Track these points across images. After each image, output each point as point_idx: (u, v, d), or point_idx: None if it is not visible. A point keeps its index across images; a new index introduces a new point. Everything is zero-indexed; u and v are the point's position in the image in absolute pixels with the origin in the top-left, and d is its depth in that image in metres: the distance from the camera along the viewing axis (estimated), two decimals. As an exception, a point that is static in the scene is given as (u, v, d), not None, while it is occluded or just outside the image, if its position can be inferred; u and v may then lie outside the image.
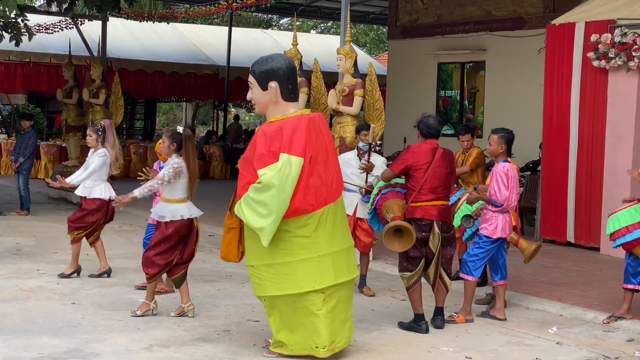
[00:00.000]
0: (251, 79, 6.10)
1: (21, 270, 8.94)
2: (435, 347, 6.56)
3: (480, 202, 7.46)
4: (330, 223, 5.94)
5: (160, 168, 7.88)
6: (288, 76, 6.04)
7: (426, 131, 7.12)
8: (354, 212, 8.38)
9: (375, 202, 7.17)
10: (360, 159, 8.41)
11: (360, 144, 8.49)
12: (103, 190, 8.66)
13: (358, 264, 8.62)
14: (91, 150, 8.82)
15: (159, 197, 7.92)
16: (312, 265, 5.89)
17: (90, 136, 8.71)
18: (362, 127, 8.66)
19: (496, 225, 7.26)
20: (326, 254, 5.92)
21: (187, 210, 7.16)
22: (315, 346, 5.94)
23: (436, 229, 6.88)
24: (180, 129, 7.42)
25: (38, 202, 14.89)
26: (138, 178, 7.78)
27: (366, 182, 8.27)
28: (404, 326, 7.04)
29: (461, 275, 7.42)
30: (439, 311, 7.15)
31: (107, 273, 8.81)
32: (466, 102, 17.77)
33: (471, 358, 6.29)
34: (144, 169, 7.69)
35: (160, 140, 7.79)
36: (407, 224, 6.75)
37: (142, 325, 6.84)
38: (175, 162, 7.10)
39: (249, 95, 6.19)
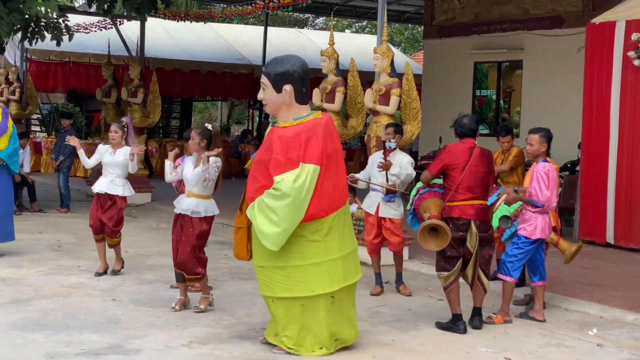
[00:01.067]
0: (264, 80, 6.10)
1: (62, 267, 9.07)
2: (474, 347, 6.53)
3: (519, 202, 7.41)
4: (340, 227, 6.05)
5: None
6: (302, 79, 6.07)
7: (460, 131, 7.10)
8: (376, 212, 8.36)
9: (414, 203, 7.16)
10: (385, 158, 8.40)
11: (390, 143, 8.45)
12: (131, 189, 8.82)
13: (392, 263, 8.61)
14: (103, 146, 8.86)
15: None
16: (323, 269, 5.98)
17: (116, 132, 8.75)
18: (387, 125, 8.65)
19: (535, 225, 7.21)
20: (336, 258, 6.03)
21: (215, 207, 7.34)
22: (319, 347, 6.05)
23: (474, 229, 6.85)
24: (209, 125, 7.48)
25: (77, 199, 15.06)
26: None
27: (387, 181, 8.21)
28: (441, 326, 7.02)
29: (499, 275, 7.38)
30: (477, 311, 7.12)
31: (106, 271, 8.81)
32: (501, 102, 17.66)
33: (510, 359, 6.26)
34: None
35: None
36: (441, 222, 6.74)
37: (180, 322, 6.91)
38: (215, 159, 7.19)
39: (260, 95, 6.20)
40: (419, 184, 7.19)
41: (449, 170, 6.91)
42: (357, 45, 24.79)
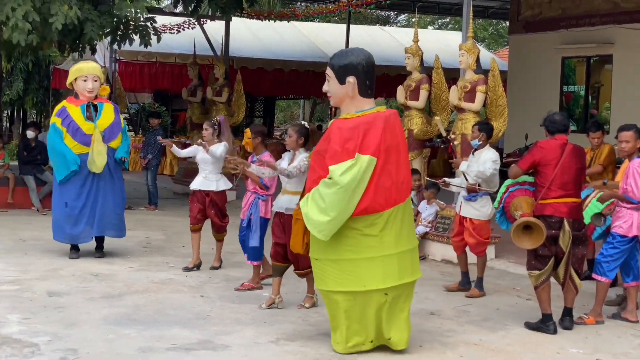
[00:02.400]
0: (329, 71, 6.10)
1: (151, 263, 9.27)
2: (564, 348, 6.41)
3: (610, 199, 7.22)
4: (397, 223, 5.94)
5: (253, 162, 8.05)
6: (366, 72, 6.02)
7: (552, 127, 6.95)
8: (459, 210, 8.29)
9: (502, 201, 7.04)
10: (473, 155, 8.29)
11: (473, 142, 8.33)
12: (226, 182, 8.91)
13: (473, 262, 8.47)
14: (201, 142, 8.99)
15: (249, 192, 8.01)
16: (377, 265, 5.90)
17: (207, 130, 8.91)
18: (474, 123, 8.54)
19: (631, 222, 7.01)
20: (391, 254, 5.93)
21: None
22: (369, 340, 6.01)
23: (566, 227, 6.70)
24: (306, 123, 7.53)
25: (164, 197, 15.34)
26: (232, 172, 7.95)
27: (466, 179, 8.11)
28: (531, 326, 6.90)
29: (594, 276, 7.20)
30: (567, 312, 6.97)
31: (198, 266, 8.96)
32: (590, 98, 17.23)
33: (602, 361, 6.12)
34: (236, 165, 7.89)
35: (249, 136, 7.96)
36: (536, 220, 6.60)
37: (268, 318, 6.97)
38: (306, 156, 7.19)
39: (325, 88, 6.19)
40: (508, 182, 7.07)
41: (541, 167, 6.78)
42: (440, 42, 24.56)
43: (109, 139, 9.43)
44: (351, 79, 5.99)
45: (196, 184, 8.92)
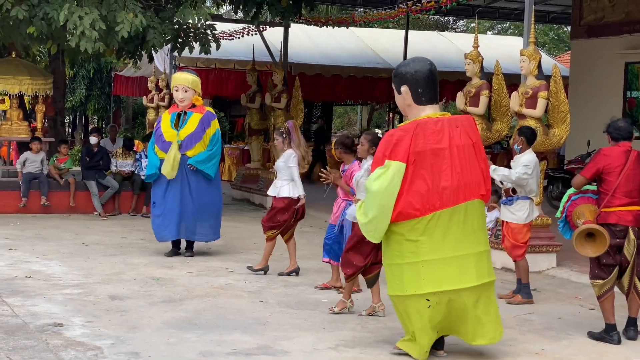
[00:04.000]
0: (393, 83, 6.28)
1: (211, 268, 9.36)
2: (629, 359, 6.30)
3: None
4: (440, 229, 5.88)
5: (344, 172, 8.01)
6: (416, 79, 6.08)
7: (616, 134, 6.84)
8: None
9: (565, 210, 6.93)
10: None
11: (514, 146, 8.32)
12: (290, 190, 8.89)
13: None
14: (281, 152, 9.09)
15: (340, 199, 8.07)
16: (417, 270, 5.94)
17: (277, 140, 9.06)
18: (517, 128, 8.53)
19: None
20: (431, 260, 5.90)
21: None
22: (423, 350, 6.00)
23: (631, 236, 6.57)
24: (379, 132, 7.53)
25: (223, 203, 15.41)
26: (321, 180, 7.95)
27: (501, 183, 8.09)
28: (594, 336, 6.78)
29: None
30: (632, 322, 6.83)
31: (296, 272, 9.06)
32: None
33: (669, 373, 5.99)
34: (323, 170, 7.88)
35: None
36: (599, 227, 6.49)
37: (327, 325, 6.98)
38: (370, 163, 7.18)
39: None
40: (570, 190, 6.97)
41: (604, 175, 6.67)
42: (500, 47, 24.32)
43: (185, 148, 9.93)
44: (403, 88, 6.14)
45: (269, 190, 9.15)
